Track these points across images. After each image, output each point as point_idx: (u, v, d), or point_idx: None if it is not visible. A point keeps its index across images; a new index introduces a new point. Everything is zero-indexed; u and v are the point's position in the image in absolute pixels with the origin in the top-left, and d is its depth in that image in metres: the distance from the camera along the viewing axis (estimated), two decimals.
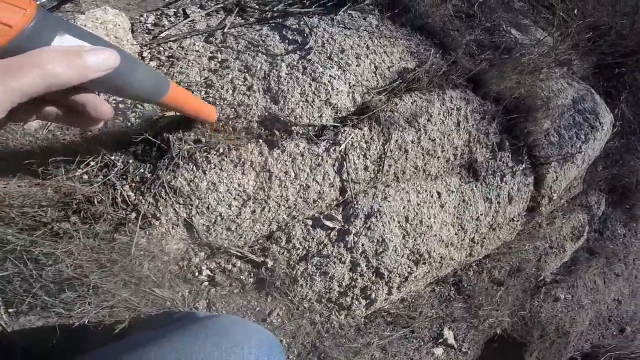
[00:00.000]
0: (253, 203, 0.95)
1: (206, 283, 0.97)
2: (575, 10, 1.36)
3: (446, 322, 1.42)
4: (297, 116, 0.94)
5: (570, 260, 1.91)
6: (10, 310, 0.84)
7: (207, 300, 0.98)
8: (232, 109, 0.91)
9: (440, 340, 1.38)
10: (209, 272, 0.97)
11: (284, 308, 1.09)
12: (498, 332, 1.64)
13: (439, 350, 1.38)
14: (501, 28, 1.27)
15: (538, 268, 1.75)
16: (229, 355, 0.52)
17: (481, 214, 1.31)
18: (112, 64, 0.34)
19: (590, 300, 1.91)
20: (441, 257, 1.27)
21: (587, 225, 1.80)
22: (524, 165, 1.32)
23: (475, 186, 1.27)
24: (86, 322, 0.81)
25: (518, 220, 1.45)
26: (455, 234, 1.27)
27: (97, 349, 0.57)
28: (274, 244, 1.03)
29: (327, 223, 1.05)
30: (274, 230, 1.02)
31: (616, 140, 1.71)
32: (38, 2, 0.81)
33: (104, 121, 0.48)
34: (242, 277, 1.01)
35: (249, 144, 0.91)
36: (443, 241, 1.24)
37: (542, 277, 1.81)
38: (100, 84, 0.37)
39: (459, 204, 1.26)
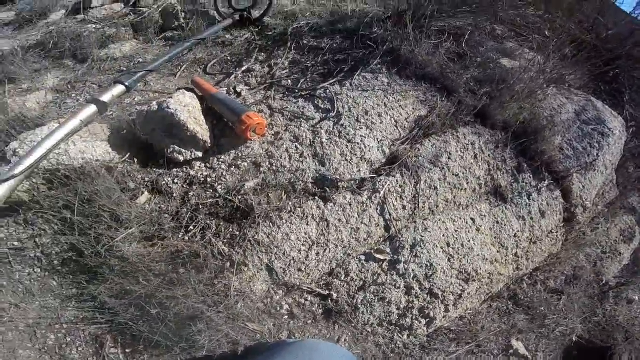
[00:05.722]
0: (316, 247, 1.12)
1: (286, 316, 1.12)
2: (547, 32, 1.46)
3: (512, 334, 1.40)
4: (341, 174, 1.14)
5: (632, 262, 1.79)
6: (127, 350, 1.02)
7: (288, 331, 1.12)
8: (292, 174, 1.12)
9: (511, 351, 1.36)
10: (287, 307, 1.12)
11: (349, 334, 1.19)
12: (574, 339, 1.54)
13: None
14: (491, 61, 1.40)
15: (597, 273, 1.67)
16: None
17: (518, 231, 1.35)
18: None
19: None
20: (489, 274, 1.31)
21: (636, 225, 1.71)
22: (547, 182, 1.37)
23: (506, 208, 1.34)
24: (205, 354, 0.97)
25: (557, 232, 1.46)
26: (497, 251, 1.32)
27: None
28: (335, 279, 1.17)
29: (378, 256, 1.18)
30: (334, 267, 1.17)
31: (635, 140, 1.67)
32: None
33: None
34: (313, 309, 1.15)
35: (308, 202, 1.11)
36: (487, 259, 1.29)
37: (605, 282, 1.72)
38: None
39: (494, 226, 1.32)
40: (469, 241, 1.26)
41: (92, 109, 1.16)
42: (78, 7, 1.69)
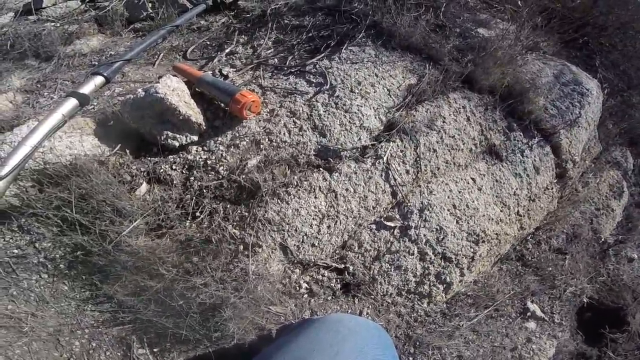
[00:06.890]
0: (327, 219, 1.24)
1: (306, 295, 1.23)
2: (519, 2, 1.75)
3: (526, 296, 1.58)
4: (342, 143, 1.29)
5: (624, 218, 2.07)
6: (155, 349, 1.08)
7: (310, 310, 1.22)
8: (293, 148, 1.25)
9: (528, 314, 1.53)
10: (306, 285, 1.23)
11: (370, 307, 1.31)
12: (585, 300, 1.74)
13: (531, 324, 1.52)
14: (469, 31, 1.64)
15: (594, 231, 1.92)
16: (348, 336, 0.75)
17: (516, 189, 1.56)
18: None
19: None
20: (496, 234, 1.49)
21: (623, 180, 1.99)
22: (536, 139, 1.61)
23: (502, 165, 1.54)
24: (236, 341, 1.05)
25: (552, 188, 1.69)
26: (501, 210, 1.51)
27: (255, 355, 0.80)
28: (349, 251, 1.30)
29: (389, 223, 1.33)
30: (347, 239, 1.30)
31: (611, 100, 1.99)
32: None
33: None
34: (331, 284, 1.26)
35: (313, 174, 1.24)
36: (492, 219, 1.48)
37: (603, 240, 1.96)
38: None
39: (494, 185, 1.52)
40: (473, 201, 1.44)
41: (72, 102, 1.23)
42: (29, 9, 1.75)
